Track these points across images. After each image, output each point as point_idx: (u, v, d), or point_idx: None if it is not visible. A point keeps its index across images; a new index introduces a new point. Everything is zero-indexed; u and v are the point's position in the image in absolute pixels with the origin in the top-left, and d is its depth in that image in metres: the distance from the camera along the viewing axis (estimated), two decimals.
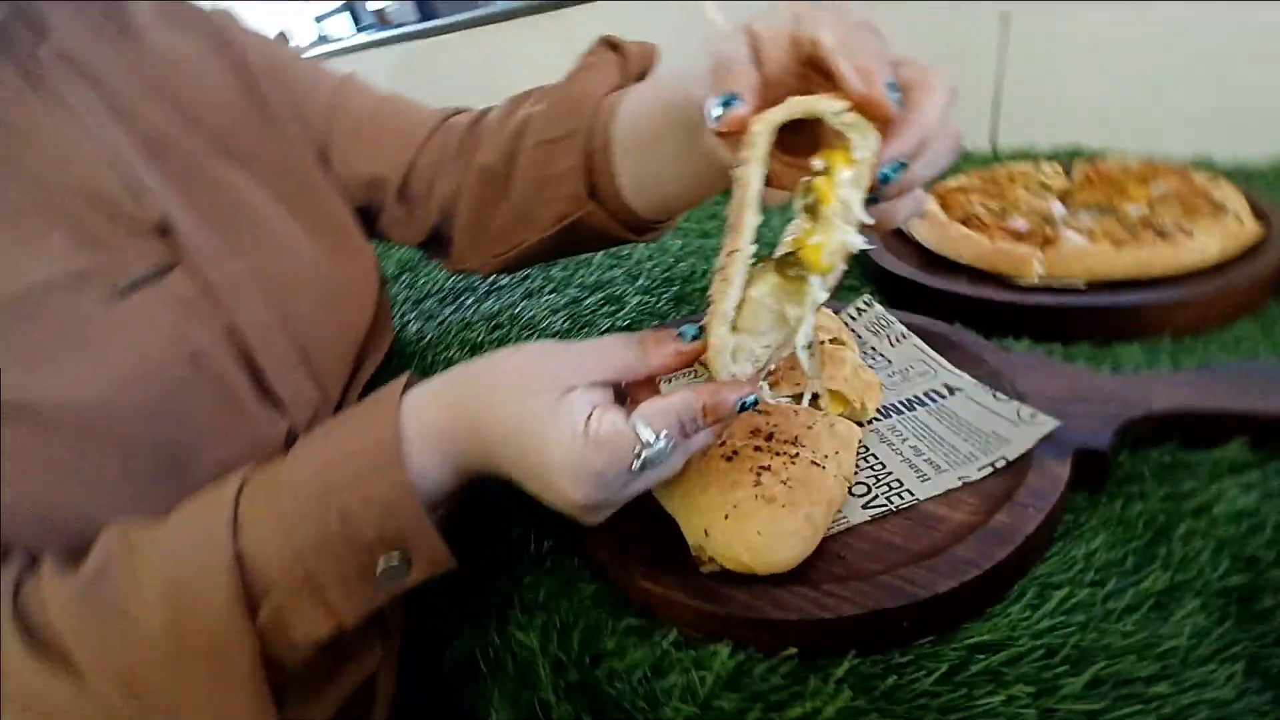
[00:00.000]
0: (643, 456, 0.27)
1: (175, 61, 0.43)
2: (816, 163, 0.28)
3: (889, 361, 0.46)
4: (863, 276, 0.61)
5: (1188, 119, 0.69)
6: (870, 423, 0.41)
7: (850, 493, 0.36)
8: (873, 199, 0.28)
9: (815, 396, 0.40)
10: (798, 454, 0.34)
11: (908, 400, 0.42)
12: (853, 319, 0.51)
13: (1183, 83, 0.71)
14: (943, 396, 0.41)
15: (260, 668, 0.29)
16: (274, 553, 0.29)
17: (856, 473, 0.37)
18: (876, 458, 0.38)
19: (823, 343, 0.44)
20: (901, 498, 0.35)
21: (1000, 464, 0.35)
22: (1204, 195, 0.51)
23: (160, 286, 0.38)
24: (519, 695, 0.33)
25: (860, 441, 0.39)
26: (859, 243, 0.28)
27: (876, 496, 0.36)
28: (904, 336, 0.47)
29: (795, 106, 0.27)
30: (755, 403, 0.29)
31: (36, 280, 0.34)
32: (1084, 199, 0.58)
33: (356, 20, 3.77)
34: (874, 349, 0.48)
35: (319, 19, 4.03)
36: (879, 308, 0.50)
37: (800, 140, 0.29)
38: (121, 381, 0.35)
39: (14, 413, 0.32)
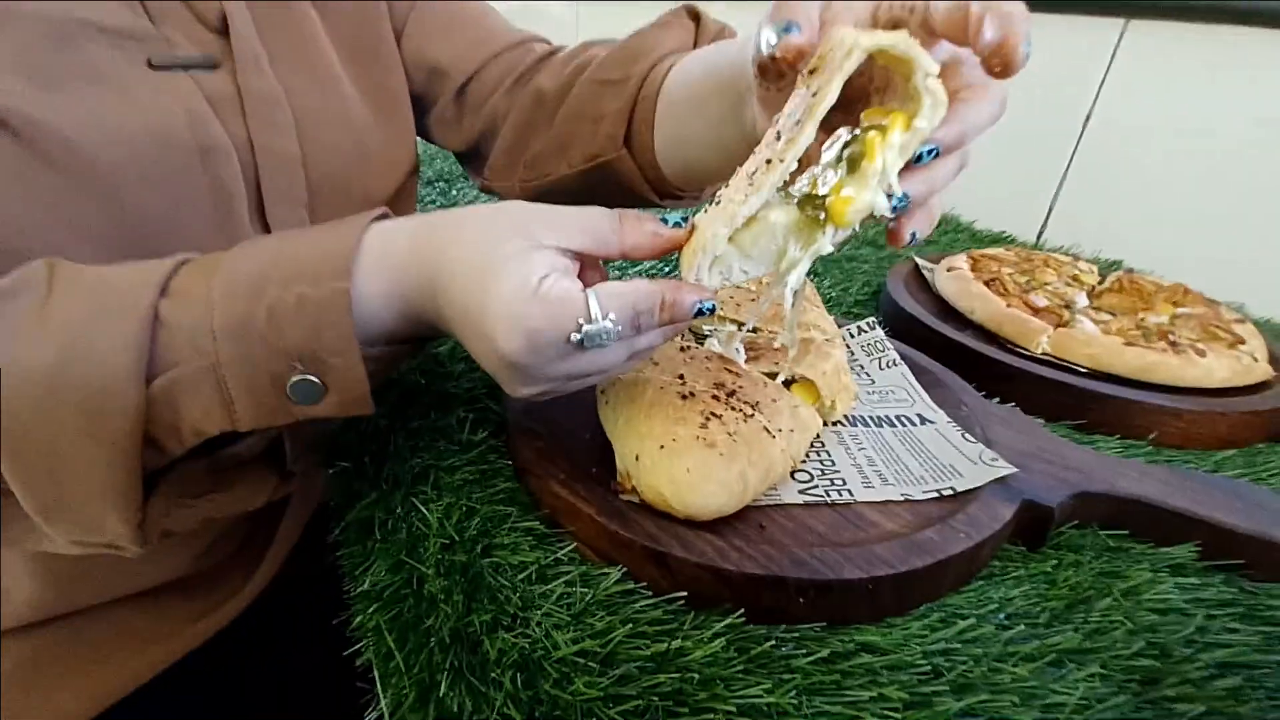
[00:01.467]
0: (584, 331, 0.26)
1: None
2: (876, 119, 0.27)
3: (872, 381, 0.45)
4: (875, 309, 0.61)
5: (1241, 270, 0.68)
6: (835, 424, 0.40)
7: (792, 476, 0.35)
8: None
9: (789, 381, 0.39)
10: (752, 415, 0.33)
11: (877, 417, 0.41)
12: (851, 336, 0.50)
13: (1241, 231, 0.71)
14: (913, 424, 0.40)
15: (139, 439, 0.27)
16: (190, 326, 0.28)
17: (804, 462, 0.36)
18: (829, 455, 0.37)
19: (818, 339, 0.43)
20: (840, 495, 0.34)
21: (947, 492, 0.34)
22: (1226, 327, 0.51)
23: (198, 77, 0.38)
24: (400, 563, 0.32)
25: (818, 436, 0.38)
26: (885, 209, 0.27)
27: (816, 486, 0.35)
28: (894, 364, 0.46)
29: (897, 41, 0.25)
30: (713, 309, 0.28)
31: (85, 17, 0.34)
32: (1109, 302, 0.58)
33: None
34: (862, 367, 0.47)
35: None
36: (879, 332, 0.49)
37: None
38: (124, 139, 0.34)
39: (12, 121, 0.31)
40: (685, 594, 0.29)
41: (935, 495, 0.34)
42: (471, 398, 0.42)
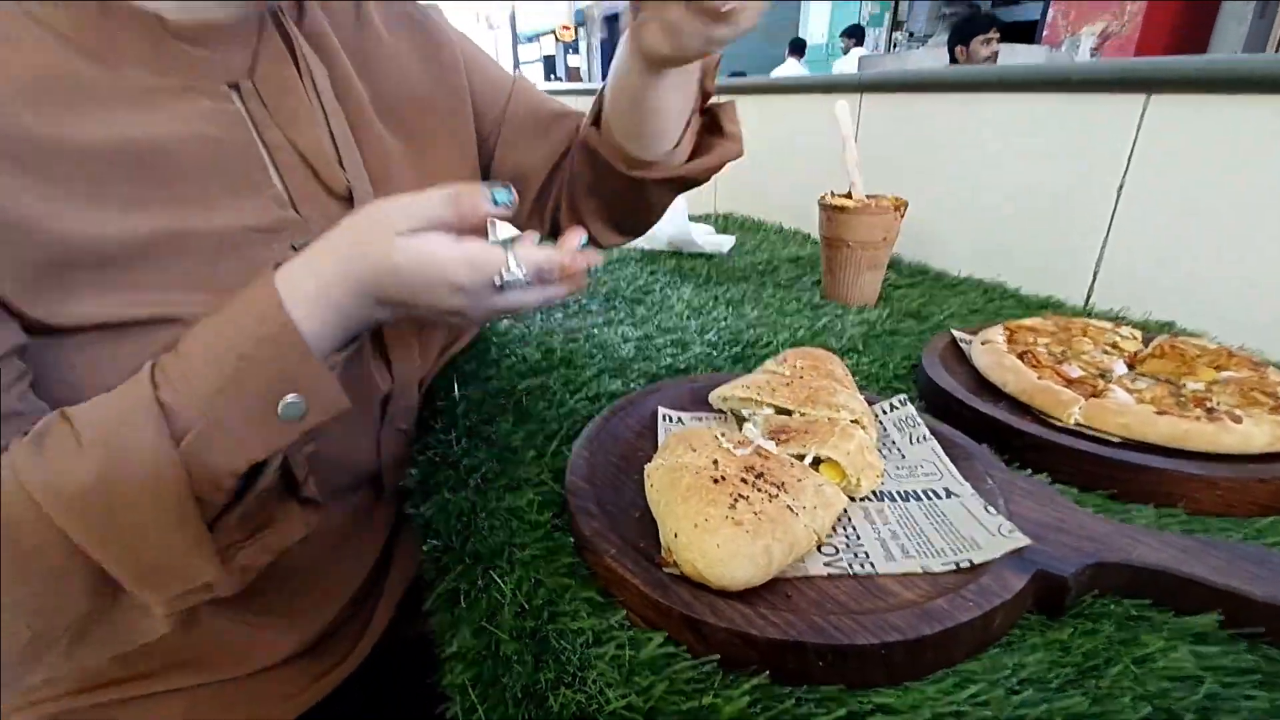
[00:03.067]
0: (505, 280, 0.37)
1: (390, 50, 0.55)
2: None
3: (903, 456, 0.49)
4: (914, 383, 0.64)
5: None
6: (863, 500, 0.44)
7: (819, 549, 0.39)
8: None
9: (817, 460, 0.44)
10: (777, 495, 0.38)
11: (905, 492, 0.45)
12: (885, 413, 0.54)
13: None
14: (939, 497, 0.44)
15: (191, 496, 0.34)
16: (187, 398, 0.34)
17: (830, 536, 0.40)
18: (855, 529, 0.41)
19: (852, 421, 0.48)
20: (863, 567, 0.38)
21: (964, 564, 0.37)
22: (1270, 391, 0.51)
23: None
24: (481, 629, 0.38)
25: (845, 511, 0.42)
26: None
27: (840, 558, 0.38)
28: (924, 439, 0.50)
29: None
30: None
31: (246, 223, 0.43)
32: (1152, 368, 0.59)
33: (549, 72, 4.23)
34: (894, 442, 0.51)
35: (516, 65, 4.54)
36: (910, 408, 0.53)
37: None
38: None
39: (165, 325, 0.39)
40: (718, 656, 0.33)
41: (953, 567, 0.37)
42: (539, 482, 0.48)
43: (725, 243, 1.13)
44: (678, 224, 1.09)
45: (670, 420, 0.54)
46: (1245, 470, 0.44)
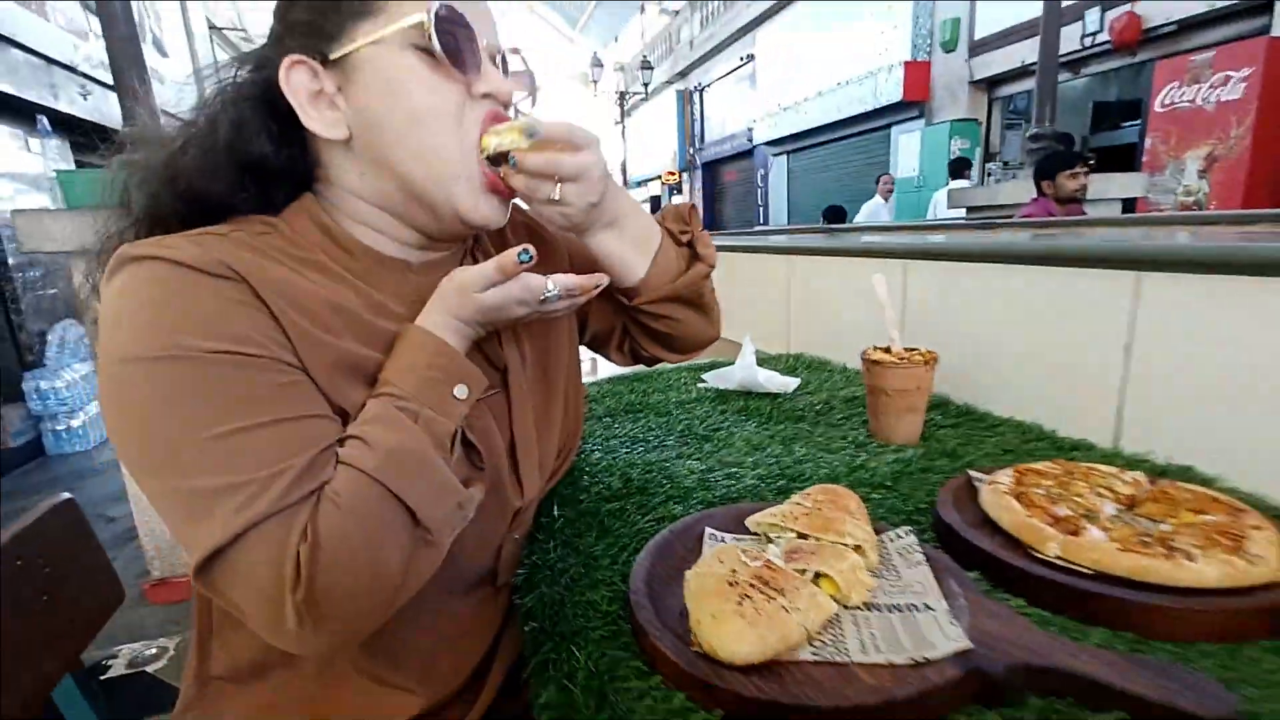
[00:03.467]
0: (547, 294, 0.61)
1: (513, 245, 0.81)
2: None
3: (899, 575, 0.61)
4: (929, 517, 0.75)
5: None
6: (854, 609, 0.56)
7: (809, 642, 0.52)
8: None
9: (818, 575, 0.57)
10: (775, 598, 0.52)
11: (892, 605, 0.57)
12: (890, 541, 0.66)
13: None
14: (918, 611, 0.55)
15: (433, 450, 0.56)
16: (413, 395, 0.57)
17: (820, 633, 0.53)
18: (842, 630, 0.54)
19: (855, 547, 0.61)
20: (840, 656, 0.50)
21: (920, 660, 0.49)
22: (1233, 533, 0.59)
23: (491, 399, 0.70)
24: (564, 687, 0.54)
25: (837, 616, 0.55)
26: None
27: (825, 649, 0.51)
28: (920, 564, 0.61)
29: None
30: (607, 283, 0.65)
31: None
32: (1146, 510, 0.67)
33: (655, 210, 4.77)
34: (894, 565, 0.63)
35: None
36: (912, 538, 0.65)
37: None
38: None
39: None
40: (722, 712, 0.47)
41: (911, 662, 0.49)
42: (611, 582, 0.65)
43: (790, 384, 1.29)
44: (746, 367, 1.27)
45: (716, 539, 0.69)
46: (1189, 602, 0.53)
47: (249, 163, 0.63)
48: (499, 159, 0.63)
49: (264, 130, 0.62)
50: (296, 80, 0.60)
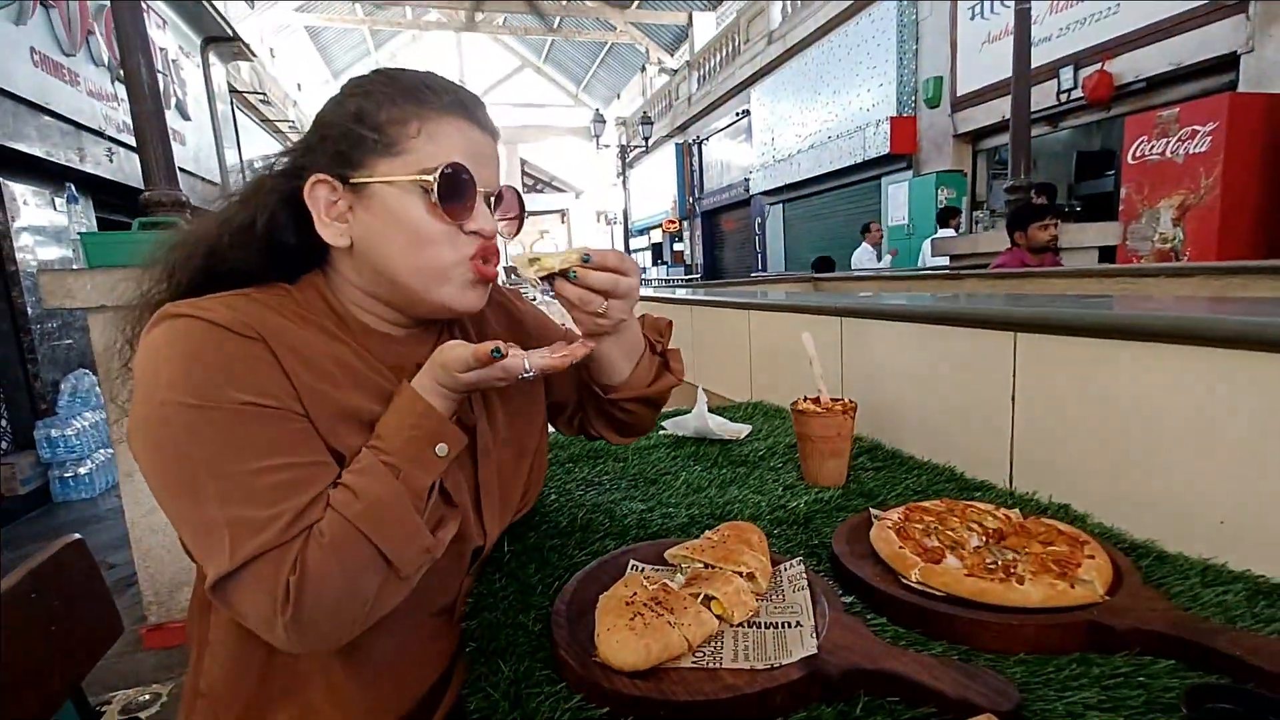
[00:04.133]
0: (525, 372, 0.68)
1: (491, 322, 0.92)
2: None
3: (784, 598, 0.71)
4: (823, 550, 0.85)
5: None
6: (737, 625, 0.66)
7: (692, 652, 0.62)
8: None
9: (709, 597, 0.68)
10: (662, 615, 0.62)
11: (771, 622, 0.67)
12: (784, 569, 0.76)
13: (1155, 472, 0.85)
14: (790, 627, 0.65)
15: (410, 502, 0.66)
16: (396, 457, 0.66)
17: (703, 645, 0.63)
18: (723, 643, 0.64)
19: (747, 574, 0.71)
20: (714, 662, 0.60)
21: (776, 665, 0.59)
22: (1069, 561, 0.69)
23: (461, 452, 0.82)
24: (493, 687, 0.64)
25: (721, 631, 0.65)
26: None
27: (705, 657, 0.61)
28: (802, 589, 0.72)
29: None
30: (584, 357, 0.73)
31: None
32: (1011, 542, 0.78)
33: (656, 257, 4.94)
34: (782, 589, 0.73)
35: (629, 252, 5.33)
36: (800, 567, 0.75)
37: None
38: None
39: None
40: (609, 708, 0.57)
41: (769, 666, 0.59)
42: (542, 607, 0.75)
43: (742, 430, 1.40)
44: (699, 415, 1.39)
45: (638, 569, 0.79)
46: (1009, 619, 0.63)
47: (275, 246, 0.77)
48: (551, 275, 0.75)
49: (290, 225, 0.77)
50: (318, 194, 0.74)
